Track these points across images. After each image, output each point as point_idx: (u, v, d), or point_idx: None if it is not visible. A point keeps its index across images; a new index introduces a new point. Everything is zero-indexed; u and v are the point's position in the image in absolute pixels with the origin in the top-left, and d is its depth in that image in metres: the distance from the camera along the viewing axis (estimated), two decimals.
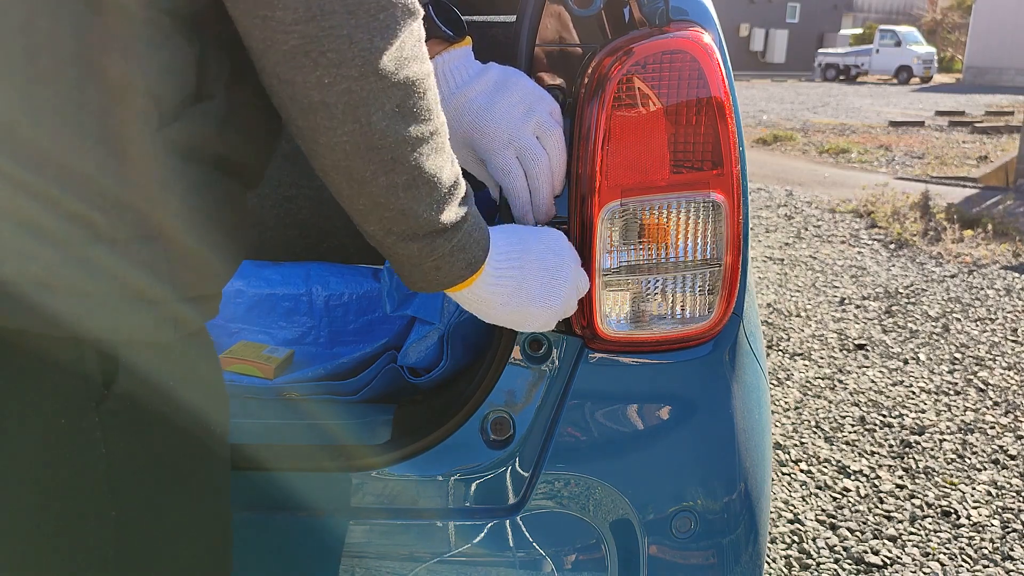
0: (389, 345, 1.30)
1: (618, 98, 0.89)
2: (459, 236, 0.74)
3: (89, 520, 0.67)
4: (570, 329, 0.97)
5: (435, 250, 0.73)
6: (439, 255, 0.74)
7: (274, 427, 1.10)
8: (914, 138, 11.32)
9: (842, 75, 30.93)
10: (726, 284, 0.96)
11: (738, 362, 1.04)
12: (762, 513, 1.03)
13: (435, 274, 0.76)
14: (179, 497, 0.72)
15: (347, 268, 1.61)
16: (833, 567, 2.12)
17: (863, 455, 2.71)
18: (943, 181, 7.82)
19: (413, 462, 1.00)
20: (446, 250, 0.74)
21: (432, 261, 0.74)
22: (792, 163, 9.04)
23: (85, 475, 0.65)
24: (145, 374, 0.66)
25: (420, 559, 0.99)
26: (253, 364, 1.24)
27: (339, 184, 0.68)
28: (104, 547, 0.68)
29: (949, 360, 3.53)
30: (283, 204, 1.74)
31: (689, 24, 0.95)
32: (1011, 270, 4.88)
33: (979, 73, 28.70)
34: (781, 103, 17.42)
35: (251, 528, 1.01)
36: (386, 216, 0.69)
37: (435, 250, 0.73)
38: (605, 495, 0.98)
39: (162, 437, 0.69)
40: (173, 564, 0.73)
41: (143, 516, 0.69)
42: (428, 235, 0.72)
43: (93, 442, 0.65)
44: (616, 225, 0.92)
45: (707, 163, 0.91)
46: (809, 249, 5.36)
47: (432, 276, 0.76)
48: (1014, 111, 15.34)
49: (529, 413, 0.98)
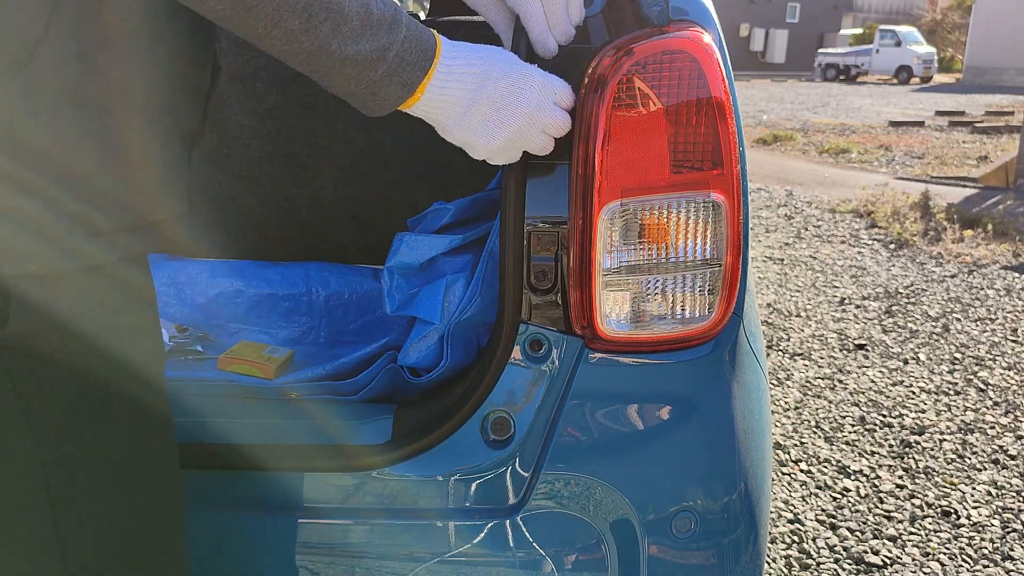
0: (389, 345, 1.30)
1: (618, 98, 0.89)
2: (386, 63, 0.76)
3: (18, 463, 0.68)
4: (570, 329, 0.97)
5: (363, 79, 0.76)
6: (369, 81, 0.76)
7: (274, 427, 1.10)
8: (914, 138, 11.32)
9: (842, 75, 30.92)
10: (726, 284, 0.96)
11: (738, 362, 1.04)
12: (762, 513, 1.03)
13: (372, 99, 0.78)
14: (110, 434, 0.73)
15: (347, 268, 1.62)
16: (833, 567, 2.12)
17: (863, 455, 2.71)
18: (943, 181, 7.82)
19: (413, 462, 1.00)
20: (376, 76, 0.76)
21: (365, 87, 0.77)
22: (792, 163, 9.04)
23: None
24: (41, 309, 0.68)
25: (420, 559, 0.99)
26: (253, 364, 1.24)
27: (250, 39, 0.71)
28: (36, 495, 0.69)
29: (949, 360, 3.53)
30: (283, 204, 1.74)
31: (689, 24, 0.95)
32: (1011, 270, 4.88)
33: (979, 73, 28.69)
34: (781, 103, 17.42)
35: (251, 528, 1.02)
36: (301, 59, 0.73)
37: (363, 79, 0.76)
38: (605, 495, 0.98)
39: (75, 376, 0.70)
40: (115, 509, 0.75)
41: (76, 460, 0.71)
42: (351, 66, 0.74)
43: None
44: (616, 225, 0.92)
45: (707, 163, 0.91)
46: (809, 249, 5.36)
47: (371, 101, 0.79)
48: (1014, 111, 15.34)
49: (529, 413, 0.98)
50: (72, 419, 0.71)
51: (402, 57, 0.77)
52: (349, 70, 0.75)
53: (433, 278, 1.21)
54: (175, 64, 0.75)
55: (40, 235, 0.65)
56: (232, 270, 1.57)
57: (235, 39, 1.64)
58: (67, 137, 0.65)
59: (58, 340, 0.69)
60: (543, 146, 0.89)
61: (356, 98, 0.78)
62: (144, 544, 0.79)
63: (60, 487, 0.71)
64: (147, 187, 0.72)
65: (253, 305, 1.53)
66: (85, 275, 0.70)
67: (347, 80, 0.76)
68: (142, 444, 0.77)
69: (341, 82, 0.76)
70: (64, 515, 0.71)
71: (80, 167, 0.66)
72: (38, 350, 0.68)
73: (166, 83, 0.73)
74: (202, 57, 0.80)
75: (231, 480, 1.02)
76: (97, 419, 0.72)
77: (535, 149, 0.89)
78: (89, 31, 0.66)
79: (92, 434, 0.72)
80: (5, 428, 0.68)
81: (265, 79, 1.67)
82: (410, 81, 0.79)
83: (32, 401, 0.69)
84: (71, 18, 0.65)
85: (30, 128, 0.64)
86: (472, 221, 1.26)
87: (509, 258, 0.96)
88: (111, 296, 0.73)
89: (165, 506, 0.81)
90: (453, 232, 1.23)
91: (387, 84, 0.77)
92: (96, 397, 0.72)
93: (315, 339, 1.51)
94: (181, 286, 1.55)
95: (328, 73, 0.75)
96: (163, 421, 0.80)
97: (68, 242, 0.67)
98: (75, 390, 0.71)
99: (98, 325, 0.71)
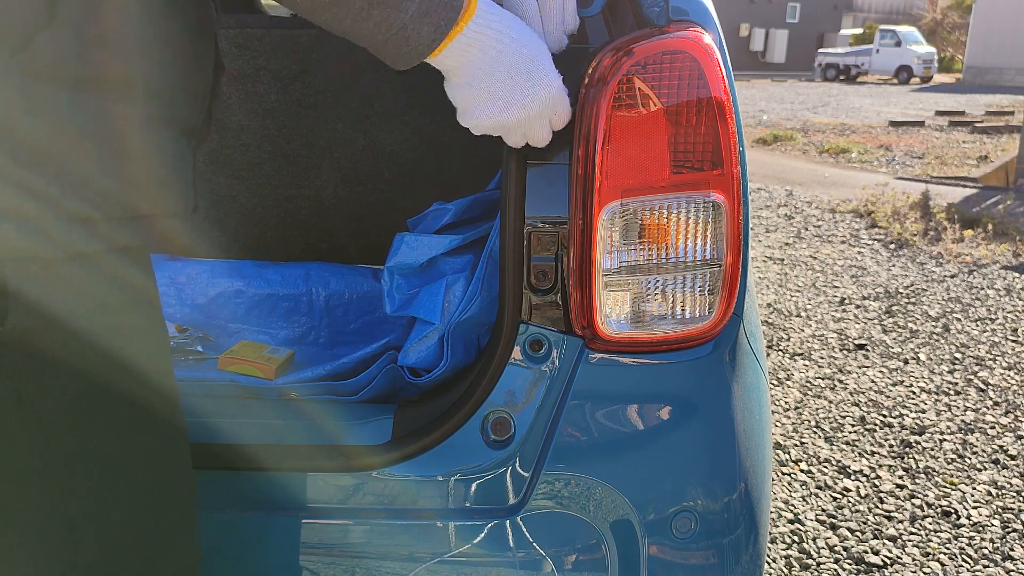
0: (389, 345, 1.30)
1: (618, 98, 0.89)
2: (415, 2, 0.74)
3: (23, 458, 0.68)
4: (570, 329, 0.97)
5: (394, 21, 0.74)
6: (400, 24, 0.74)
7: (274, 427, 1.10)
8: (914, 138, 11.32)
9: (842, 75, 30.91)
10: (726, 284, 0.96)
11: (738, 362, 1.04)
12: (762, 513, 1.03)
13: (405, 45, 0.76)
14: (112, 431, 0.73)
15: (347, 268, 1.62)
16: (833, 567, 2.12)
17: (863, 455, 2.71)
18: (943, 181, 7.82)
19: (413, 462, 1.00)
20: (406, 18, 0.74)
21: (397, 31, 0.75)
22: (792, 163, 9.04)
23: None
24: (39, 306, 0.67)
25: (420, 559, 0.99)
26: (254, 364, 1.24)
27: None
28: (45, 488, 0.69)
29: (949, 360, 3.53)
30: (283, 204, 1.75)
31: (689, 24, 0.95)
32: (1011, 270, 4.88)
33: (979, 73, 28.69)
34: (781, 103, 17.42)
35: (252, 528, 1.02)
36: (327, 1, 0.71)
37: (394, 21, 0.74)
38: (605, 495, 0.98)
39: (75, 374, 0.70)
40: (123, 503, 0.75)
41: (81, 457, 0.71)
42: (378, 6, 0.73)
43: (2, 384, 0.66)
44: (616, 225, 0.92)
45: (707, 163, 0.91)
46: (809, 249, 5.36)
47: (404, 48, 0.76)
48: (1014, 111, 15.34)
49: (529, 413, 0.98)
50: (73, 417, 0.71)
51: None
52: (377, 11, 0.72)
53: (433, 278, 1.21)
54: (175, 62, 0.75)
55: (32, 225, 0.65)
56: (232, 270, 1.57)
57: (235, 39, 1.64)
58: (63, 130, 0.66)
59: (57, 338, 0.69)
60: (518, 142, 0.89)
61: (389, 47, 0.76)
62: (154, 537, 0.79)
63: (68, 480, 0.71)
64: (145, 183, 0.72)
65: (253, 305, 1.53)
66: (82, 269, 0.70)
67: (377, 24, 0.73)
68: (147, 441, 0.77)
69: (371, 27, 0.73)
70: (74, 506, 0.72)
71: (76, 160, 0.66)
72: (37, 348, 0.68)
73: (165, 80, 0.73)
74: (202, 55, 0.80)
75: (231, 480, 1.02)
76: (98, 417, 0.72)
77: (512, 142, 0.89)
78: (89, 26, 0.66)
79: (95, 431, 0.72)
80: (8, 424, 0.68)
81: (265, 79, 1.67)
82: (443, 23, 0.76)
83: (33, 398, 0.69)
84: (72, 12, 0.65)
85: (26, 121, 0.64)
86: (472, 221, 1.26)
87: (509, 258, 0.96)
88: (110, 295, 0.73)
89: (174, 501, 0.81)
90: (453, 232, 1.23)
91: (419, 26, 0.75)
92: (97, 395, 0.72)
93: (315, 339, 1.51)
94: (181, 286, 1.55)
95: (356, 18, 0.73)
96: (169, 419, 0.80)
97: (59, 230, 0.67)
98: (76, 388, 0.71)
99: (96, 323, 0.71)
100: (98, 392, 0.72)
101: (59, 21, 0.64)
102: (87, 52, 0.66)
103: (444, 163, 1.71)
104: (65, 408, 0.70)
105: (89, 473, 0.72)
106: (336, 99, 1.69)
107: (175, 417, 0.81)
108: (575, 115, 0.91)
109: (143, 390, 0.76)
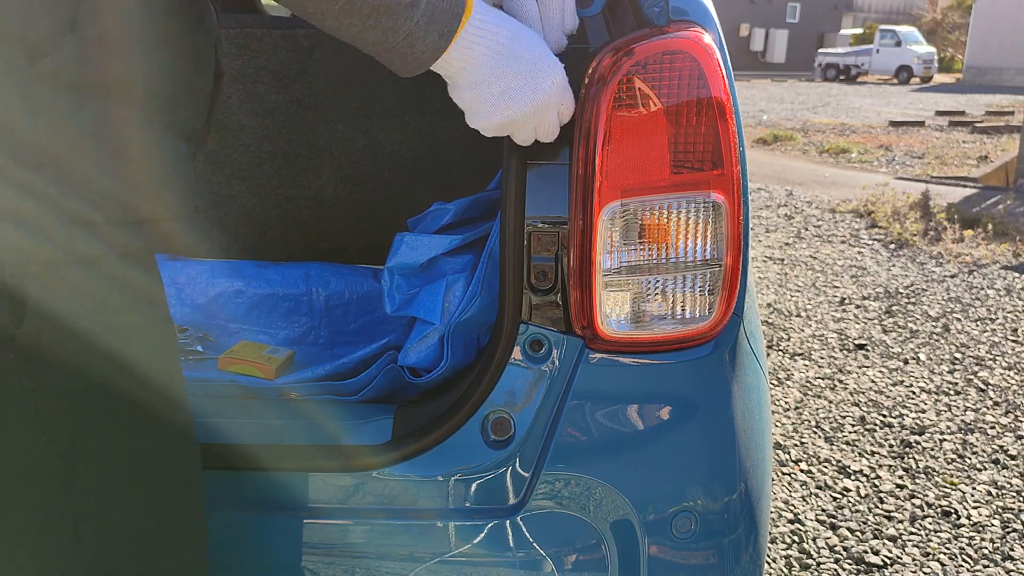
0: (389, 345, 1.30)
1: (618, 98, 0.89)
2: (420, 9, 0.76)
3: (32, 455, 0.69)
4: (570, 329, 0.97)
5: (400, 29, 0.75)
6: (406, 32, 0.76)
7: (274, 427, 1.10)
8: (914, 138, 11.32)
9: (842, 75, 30.91)
10: (726, 284, 0.96)
11: (738, 362, 1.04)
12: (762, 513, 1.03)
13: (411, 52, 0.78)
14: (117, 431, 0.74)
15: (347, 268, 1.62)
16: (833, 567, 2.12)
17: (863, 455, 2.71)
18: (943, 181, 7.82)
19: (413, 462, 1.00)
20: (411, 25, 0.76)
21: (403, 38, 0.76)
22: (792, 163, 9.04)
23: (12, 418, 0.68)
24: (48, 309, 0.68)
25: (420, 559, 0.99)
26: (254, 364, 1.24)
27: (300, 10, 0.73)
28: (52, 484, 0.70)
29: (949, 360, 3.53)
30: (283, 204, 1.75)
31: (689, 24, 0.95)
32: (1011, 270, 4.88)
33: (979, 73, 28.69)
34: (781, 103, 17.42)
35: (252, 528, 1.01)
36: (336, 8, 0.72)
37: (400, 29, 0.75)
38: (605, 495, 0.98)
39: (80, 375, 0.71)
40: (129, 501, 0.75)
41: (88, 455, 0.72)
42: (386, 14, 0.74)
43: (15, 385, 0.67)
44: (616, 225, 0.92)
45: (707, 163, 0.91)
46: (809, 249, 5.36)
47: (410, 55, 0.78)
48: (1014, 111, 15.34)
49: (529, 413, 0.98)
50: (73, 417, 0.71)
51: (434, 4, 0.77)
52: (385, 20, 0.74)
53: (433, 278, 1.21)
54: (175, 64, 0.75)
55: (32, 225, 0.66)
56: (232, 270, 1.57)
57: (235, 39, 1.64)
58: (63, 132, 0.66)
59: (59, 339, 0.69)
60: (527, 139, 0.90)
61: (395, 53, 0.78)
62: (155, 537, 0.79)
63: (68, 480, 0.71)
64: (145, 185, 0.72)
65: (253, 305, 1.53)
66: (84, 271, 0.70)
67: (384, 32, 0.75)
68: (148, 441, 0.78)
69: (378, 35, 0.75)
70: (74, 505, 0.72)
71: (76, 162, 0.67)
72: (40, 348, 0.68)
73: (166, 83, 0.74)
74: (203, 58, 0.80)
75: (232, 480, 1.02)
76: (99, 417, 0.73)
77: (521, 139, 0.90)
78: (90, 28, 0.66)
79: (95, 431, 0.73)
80: (20, 424, 0.69)
81: (265, 79, 1.67)
82: (446, 30, 0.78)
83: (43, 399, 0.69)
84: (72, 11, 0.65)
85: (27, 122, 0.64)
86: (472, 221, 1.26)
87: (509, 258, 0.96)
88: (112, 295, 0.73)
89: (176, 501, 0.81)
90: (453, 232, 1.23)
91: (424, 33, 0.77)
92: (97, 395, 0.72)
93: (315, 339, 1.51)
94: (181, 286, 1.55)
95: (363, 26, 0.74)
96: (173, 419, 0.80)
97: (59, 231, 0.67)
98: (76, 388, 0.71)
99: (100, 324, 0.72)
100: (99, 392, 0.72)
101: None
102: (88, 54, 0.66)
103: (444, 163, 1.71)
104: (65, 408, 0.71)
105: (89, 473, 0.72)
106: (336, 99, 1.69)
107: (179, 418, 0.81)
108: (575, 115, 0.91)
109: (144, 391, 0.76)
